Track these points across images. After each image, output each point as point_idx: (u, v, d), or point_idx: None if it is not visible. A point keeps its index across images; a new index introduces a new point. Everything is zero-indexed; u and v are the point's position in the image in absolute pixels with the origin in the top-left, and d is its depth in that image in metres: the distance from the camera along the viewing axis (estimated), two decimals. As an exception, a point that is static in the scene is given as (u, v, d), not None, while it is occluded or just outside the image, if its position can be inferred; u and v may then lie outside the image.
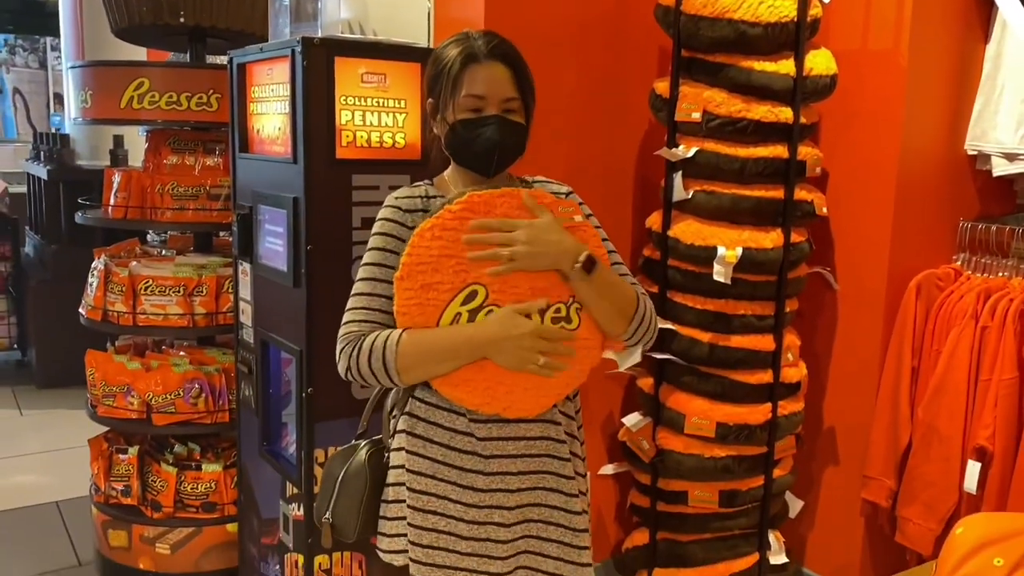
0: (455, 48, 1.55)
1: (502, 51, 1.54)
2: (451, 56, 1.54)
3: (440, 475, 1.55)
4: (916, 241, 2.55)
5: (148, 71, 2.65)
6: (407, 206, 1.58)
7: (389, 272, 1.53)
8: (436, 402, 1.55)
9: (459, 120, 1.53)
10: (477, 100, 1.52)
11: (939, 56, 2.50)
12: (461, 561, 1.56)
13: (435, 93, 1.57)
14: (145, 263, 2.79)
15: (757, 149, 2.26)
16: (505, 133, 1.53)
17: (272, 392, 2.48)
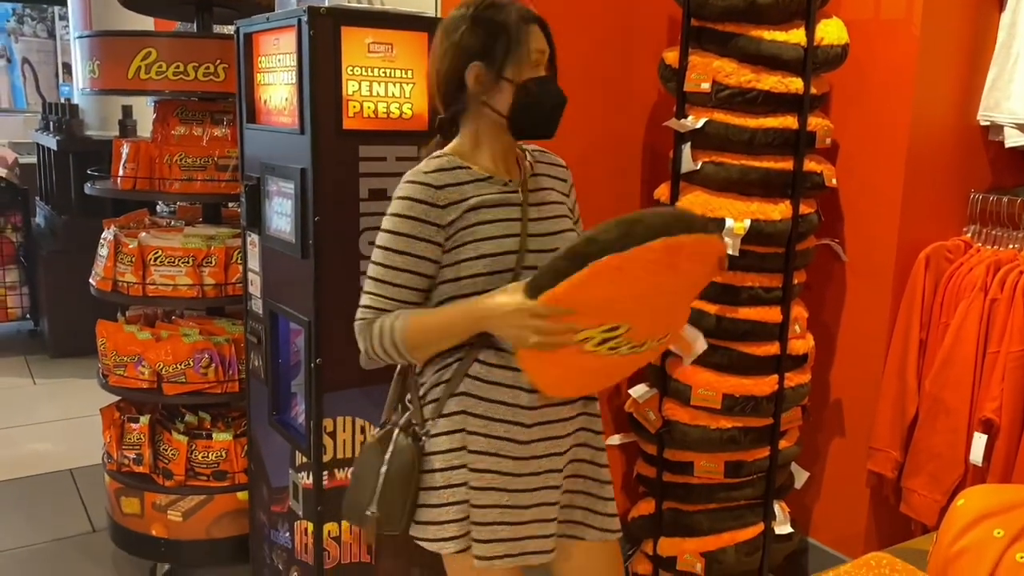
0: (500, 11, 1.52)
1: (533, 14, 1.55)
2: (507, 16, 1.52)
3: (503, 451, 1.57)
4: (926, 213, 2.54)
5: (155, 41, 2.64)
6: (438, 181, 1.55)
7: (417, 263, 1.53)
8: (497, 380, 1.56)
9: (533, 79, 1.52)
10: (541, 55, 1.54)
11: (952, 24, 2.47)
12: (522, 531, 1.59)
13: (491, 55, 1.52)
14: (154, 234, 2.80)
15: (767, 120, 2.25)
16: (563, 93, 1.57)
17: (281, 362, 2.49)
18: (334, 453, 2.27)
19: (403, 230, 1.54)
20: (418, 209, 1.54)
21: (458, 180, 1.57)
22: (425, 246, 1.55)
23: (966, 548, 1.14)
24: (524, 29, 1.52)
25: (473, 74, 1.54)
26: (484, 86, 1.54)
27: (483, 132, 1.60)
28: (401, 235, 1.55)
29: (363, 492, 1.64)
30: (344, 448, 2.28)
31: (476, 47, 1.53)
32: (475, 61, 1.53)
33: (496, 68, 1.52)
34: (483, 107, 1.56)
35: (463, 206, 1.56)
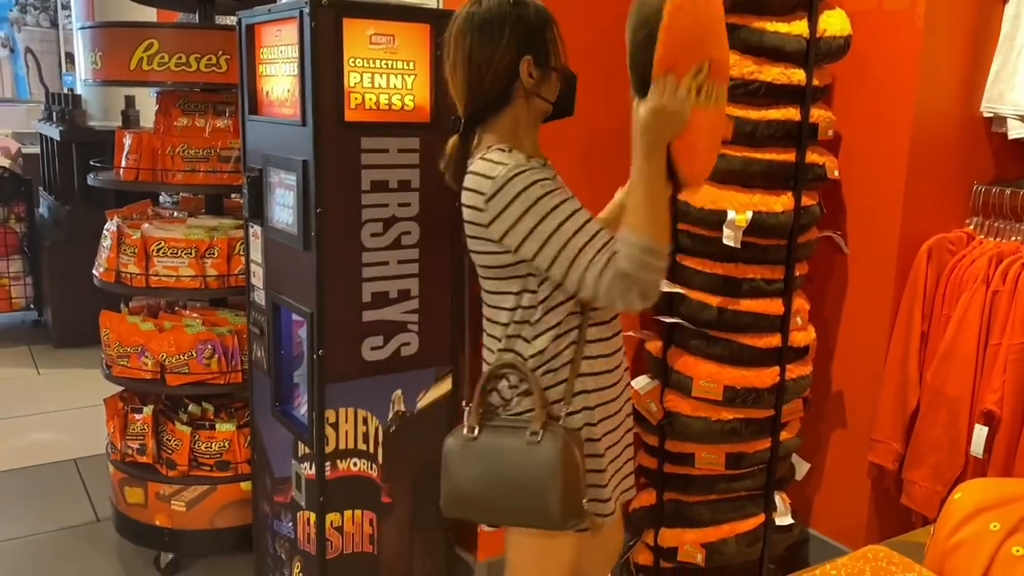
0: (531, 7, 1.65)
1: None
2: (539, 9, 1.65)
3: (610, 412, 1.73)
4: (928, 205, 2.54)
5: (157, 32, 2.64)
6: (537, 164, 1.63)
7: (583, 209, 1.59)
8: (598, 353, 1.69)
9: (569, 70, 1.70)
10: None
11: (956, 15, 2.46)
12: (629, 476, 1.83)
13: (541, 48, 1.64)
14: (157, 225, 2.81)
15: (769, 111, 2.24)
16: None
17: (283, 353, 2.50)
18: (336, 444, 2.28)
19: (564, 195, 1.58)
20: (551, 173, 1.66)
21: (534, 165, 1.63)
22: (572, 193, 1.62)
23: (963, 541, 1.15)
24: (555, 21, 1.67)
25: (526, 68, 1.63)
26: (536, 78, 1.64)
27: (522, 122, 1.68)
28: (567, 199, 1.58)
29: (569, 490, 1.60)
30: (346, 439, 2.29)
31: (527, 43, 1.63)
32: (526, 56, 1.62)
33: (545, 60, 1.65)
34: (532, 98, 1.65)
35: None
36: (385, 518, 2.41)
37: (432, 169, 2.28)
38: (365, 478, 2.35)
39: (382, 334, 2.30)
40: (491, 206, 1.56)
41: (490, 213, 1.57)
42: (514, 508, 1.64)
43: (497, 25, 1.61)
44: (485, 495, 1.66)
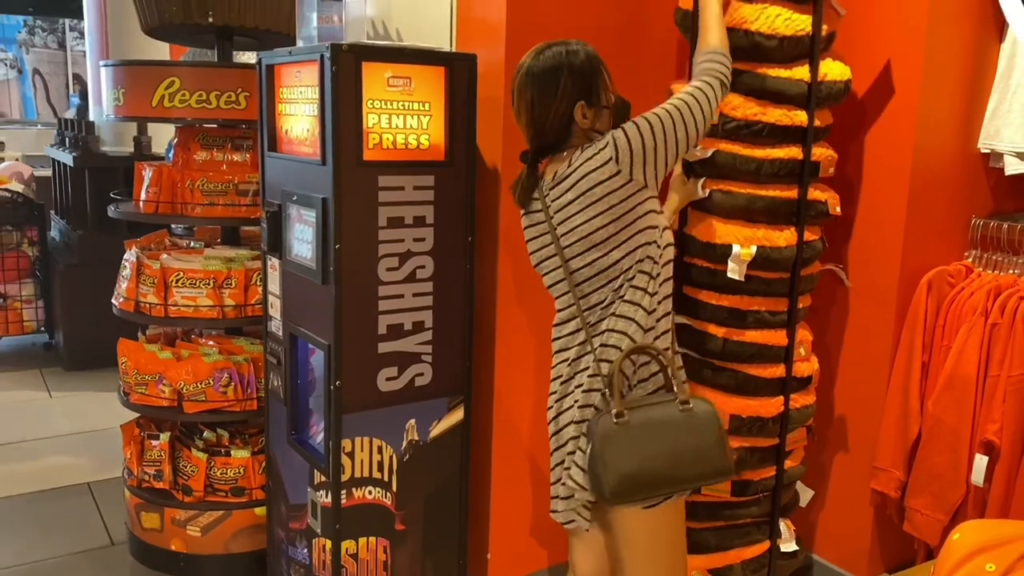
0: (580, 54, 1.90)
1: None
2: (588, 55, 1.91)
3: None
4: (928, 238, 2.60)
5: (179, 70, 2.72)
6: None
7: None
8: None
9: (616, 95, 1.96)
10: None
11: (954, 55, 2.54)
12: None
13: (592, 93, 1.90)
14: (175, 256, 2.88)
15: (773, 150, 2.32)
16: None
17: (300, 382, 2.57)
18: (352, 472, 2.34)
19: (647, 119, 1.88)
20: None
21: None
22: None
23: (961, 581, 1.20)
24: (602, 62, 1.92)
25: (580, 112, 1.90)
26: (589, 118, 1.91)
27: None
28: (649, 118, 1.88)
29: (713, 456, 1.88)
30: (362, 468, 2.35)
31: (579, 90, 1.89)
32: (580, 101, 1.89)
33: (596, 100, 1.91)
34: (590, 132, 1.92)
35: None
36: (399, 545, 2.47)
37: (446, 204, 2.37)
38: (380, 506, 2.41)
39: (397, 365, 2.37)
40: (622, 159, 1.84)
41: (624, 163, 1.84)
42: (699, 472, 1.88)
43: (552, 78, 1.88)
44: (670, 469, 1.85)
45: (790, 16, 2.23)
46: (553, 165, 1.96)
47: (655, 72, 2.66)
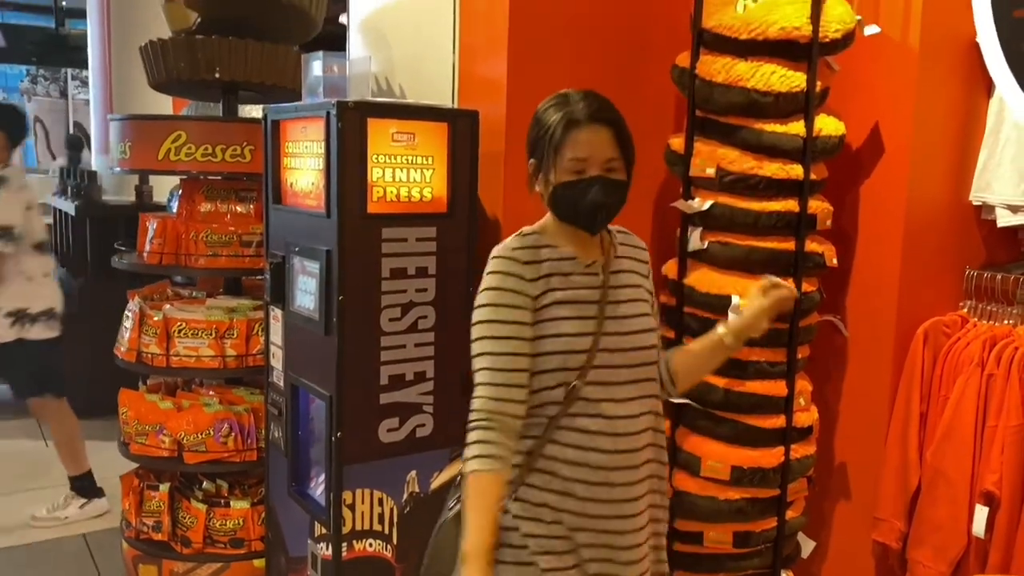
0: (556, 112, 1.62)
1: (602, 114, 1.63)
2: (553, 121, 1.61)
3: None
4: (923, 289, 2.64)
5: (186, 124, 2.78)
6: (526, 257, 1.66)
7: (520, 328, 1.61)
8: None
9: (562, 182, 1.62)
10: (580, 163, 1.61)
11: (943, 110, 2.60)
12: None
13: (536, 155, 1.66)
14: (178, 306, 2.90)
15: (770, 203, 2.36)
16: (608, 193, 1.62)
17: (300, 432, 2.57)
18: (353, 525, 2.33)
19: (507, 303, 1.63)
20: (512, 283, 1.64)
21: (541, 258, 1.67)
22: (523, 313, 1.63)
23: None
24: (565, 135, 1.60)
25: (531, 168, 1.70)
26: (535, 180, 1.69)
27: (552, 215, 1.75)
28: (507, 307, 1.63)
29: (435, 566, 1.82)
30: (363, 520, 2.35)
31: (530, 145, 1.69)
32: (531, 159, 1.69)
33: (542, 167, 1.65)
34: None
35: (549, 282, 1.66)
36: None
37: (448, 255, 2.40)
38: (380, 559, 2.40)
39: (398, 416, 2.38)
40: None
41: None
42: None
43: (532, 122, 1.70)
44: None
45: (785, 73, 2.29)
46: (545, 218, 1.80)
47: (653, 128, 2.71)
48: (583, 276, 1.70)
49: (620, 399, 1.68)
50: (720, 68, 2.32)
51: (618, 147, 1.63)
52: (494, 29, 2.52)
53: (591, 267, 1.72)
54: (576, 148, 1.60)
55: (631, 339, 1.71)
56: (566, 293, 1.67)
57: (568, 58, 2.57)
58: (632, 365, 1.70)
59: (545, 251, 1.69)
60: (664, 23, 2.66)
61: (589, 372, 1.64)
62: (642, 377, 1.72)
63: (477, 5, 2.62)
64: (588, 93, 1.66)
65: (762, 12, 2.30)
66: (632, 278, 1.78)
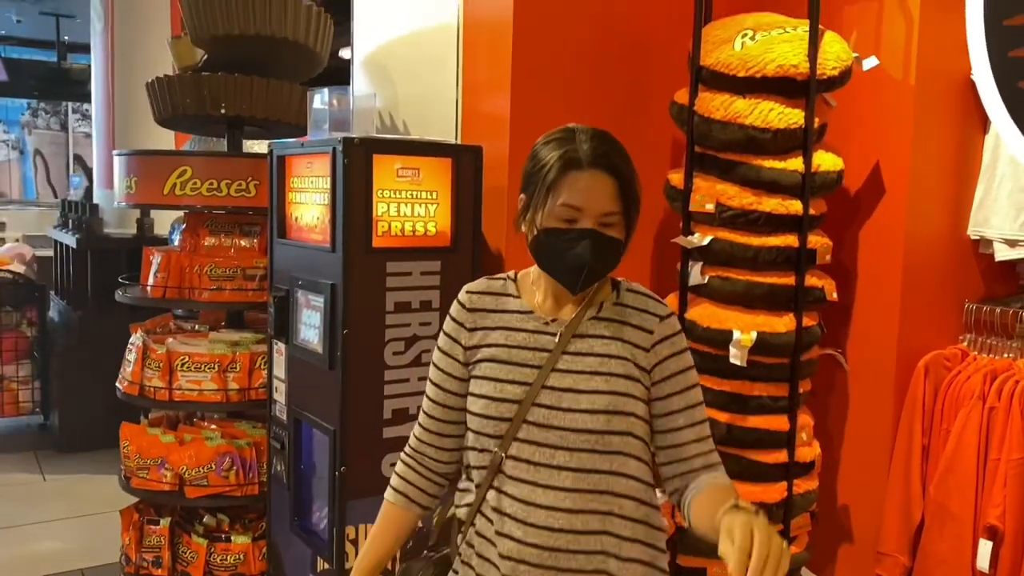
0: (556, 149, 1.41)
1: (608, 160, 1.40)
2: (550, 159, 1.40)
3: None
4: (923, 323, 2.65)
5: (191, 160, 2.80)
6: (473, 304, 1.53)
7: (444, 377, 1.52)
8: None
9: (548, 228, 1.40)
10: (572, 211, 1.39)
11: (940, 145, 2.63)
12: None
13: (528, 191, 1.45)
14: (181, 339, 2.91)
15: (769, 238, 2.38)
16: (598, 251, 1.40)
17: (303, 467, 2.57)
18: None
19: (439, 346, 1.55)
20: (448, 326, 1.55)
21: (495, 307, 1.52)
22: (450, 362, 1.52)
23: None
24: (562, 176, 1.38)
25: (520, 203, 1.48)
26: (522, 219, 1.47)
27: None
28: (438, 352, 1.55)
29: None
30: (366, 554, 2.33)
31: (524, 178, 1.47)
32: (522, 193, 1.48)
33: (531, 205, 1.43)
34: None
35: (488, 336, 1.50)
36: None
37: (452, 289, 2.41)
38: (383, 594, 2.38)
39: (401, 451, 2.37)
40: None
41: None
42: None
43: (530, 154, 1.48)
44: None
45: (782, 110, 2.32)
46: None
47: (652, 165, 2.74)
48: (533, 334, 1.48)
49: (547, 485, 1.41)
50: (719, 105, 2.36)
51: (620, 201, 1.40)
52: (497, 66, 2.56)
53: (550, 325, 1.49)
54: (571, 193, 1.38)
55: (572, 418, 1.42)
56: (501, 351, 1.48)
57: (569, 94, 2.61)
58: (572, 449, 1.41)
59: (503, 300, 1.53)
60: (663, 60, 2.70)
61: (511, 444, 1.43)
62: (589, 467, 1.42)
63: (480, 43, 2.67)
64: (598, 133, 1.44)
65: (760, 50, 2.34)
66: (610, 347, 1.47)
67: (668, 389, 1.49)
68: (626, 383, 1.45)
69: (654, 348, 1.48)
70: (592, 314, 1.49)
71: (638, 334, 1.48)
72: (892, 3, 2.59)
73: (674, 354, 1.50)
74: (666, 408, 1.49)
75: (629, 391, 1.45)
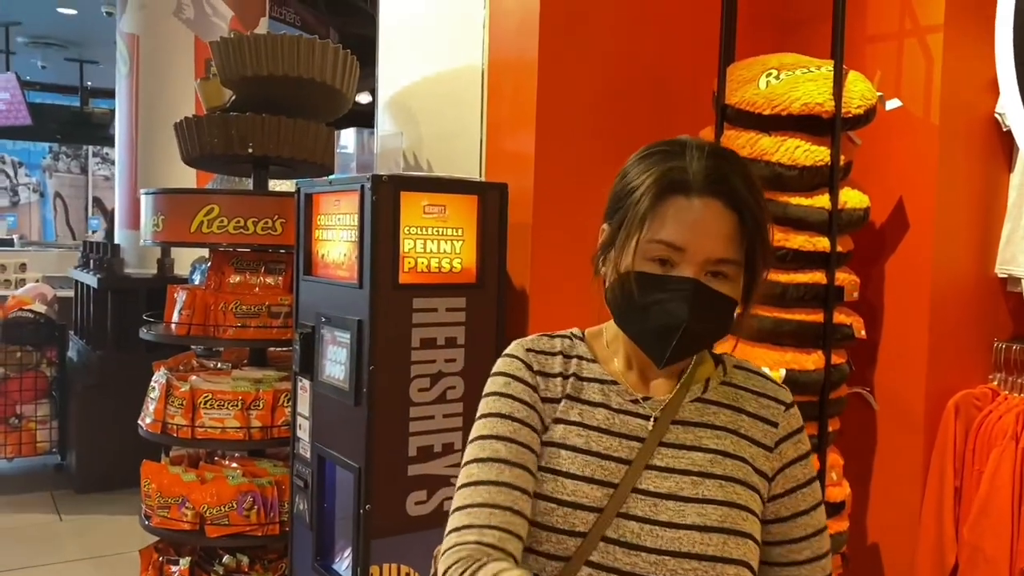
0: (659, 164, 1.07)
1: (729, 186, 1.05)
2: (646, 178, 1.07)
3: None
4: (952, 361, 2.62)
5: (218, 198, 2.83)
6: (541, 366, 1.15)
7: (522, 452, 1.08)
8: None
9: (636, 272, 1.05)
10: (670, 250, 1.04)
11: (965, 184, 2.63)
12: None
13: (612, 221, 1.11)
14: (204, 377, 2.91)
15: (797, 275, 2.37)
16: (699, 311, 1.03)
17: (326, 506, 2.54)
18: (380, 600, 2.29)
19: (504, 412, 1.11)
20: (517, 388, 1.13)
21: (564, 370, 1.15)
22: (529, 413, 1.12)
23: None
24: (658, 204, 1.04)
25: (601, 237, 1.14)
26: (603, 258, 1.12)
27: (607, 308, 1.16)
28: (501, 418, 1.11)
29: None
30: (390, 595, 2.30)
31: (609, 203, 1.14)
32: (605, 222, 1.14)
33: (615, 241, 1.09)
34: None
35: (556, 410, 1.13)
36: None
37: (477, 325, 2.41)
38: (407, 636, 2.34)
39: (426, 488, 2.35)
40: None
41: None
42: None
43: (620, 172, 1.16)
44: None
45: (808, 148, 2.33)
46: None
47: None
48: (619, 414, 1.12)
49: None
50: (744, 142, 2.37)
51: (741, 244, 1.05)
52: (522, 105, 2.59)
53: (641, 404, 1.13)
54: (671, 227, 1.03)
55: (674, 537, 1.04)
56: (574, 433, 1.10)
57: (594, 132, 2.63)
58: None
59: (574, 364, 1.16)
60: (688, 99, 2.72)
61: (580, 571, 1.04)
62: None
63: (505, 83, 2.70)
64: (717, 150, 1.10)
65: (784, 88, 2.35)
66: (723, 441, 1.11)
67: (792, 507, 1.13)
68: (745, 492, 1.08)
69: (779, 447, 1.13)
70: (696, 394, 1.13)
71: (758, 427, 1.13)
72: (914, 43, 2.61)
73: (799, 458, 1.14)
74: (787, 535, 1.13)
75: (748, 504, 1.07)
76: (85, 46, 11.53)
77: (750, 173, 1.09)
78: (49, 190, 17.20)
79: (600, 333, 1.20)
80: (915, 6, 2.61)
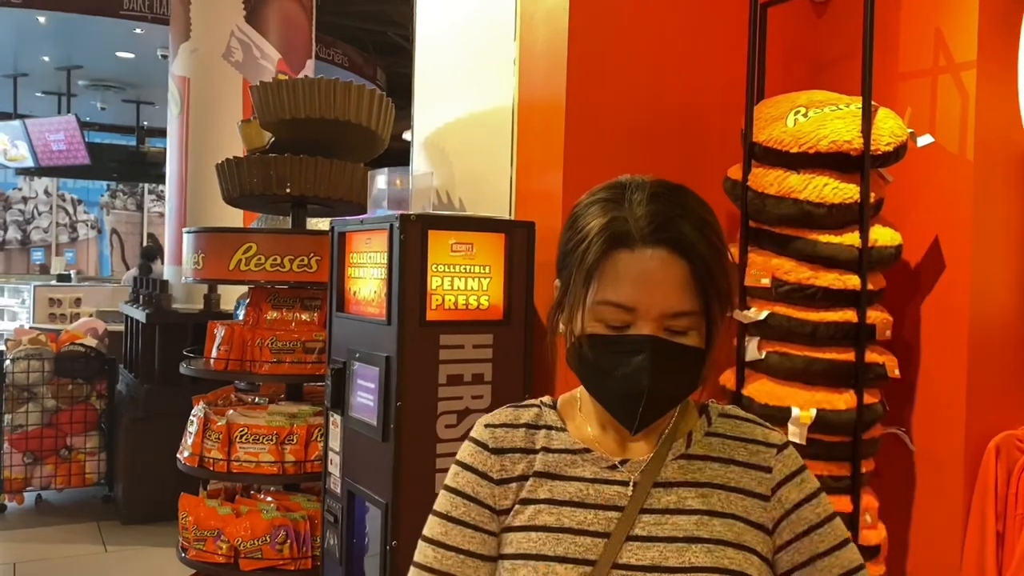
0: (601, 215, 0.99)
1: (675, 232, 0.97)
2: (591, 229, 0.98)
3: None
4: (992, 401, 2.56)
5: (256, 236, 2.91)
6: (499, 442, 1.09)
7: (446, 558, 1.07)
8: None
9: (588, 335, 0.98)
10: (620, 312, 0.97)
11: (1002, 221, 2.58)
12: None
13: (562, 275, 1.03)
14: (241, 412, 2.97)
15: (827, 314, 2.34)
16: (661, 370, 0.96)
17: (356, 540, 2.56)
18: (406, 637, 2.28)
19: (448, 510, 1.08)
20: (465, 478, 1.08)
21: (530, 445, 1.08)
22: (469, 536, 1.07)
23: None
24: (602, 260, 0.96)
25: (555, 291, 1.05)
26: (556, 316, 1.04)
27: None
28: (445, 518, 1.08)
29: None
30: (416, 632, 2.30)
31: (559, 256, 1.04)
32: (558, 277, 1.05)
33: (565, 300, 1.01)
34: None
35: (523, 490, 1.05)
36: None
37: (503, 362, 2.43)
38: (433, 674, 2.33)
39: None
40: None
41: None
42: None
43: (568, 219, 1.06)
44: None
45: (837, 185, 2.31)
46: None
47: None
48: (594, 484, 1.04)
49: None
50: (772, 180, 2.36)
51: (695, 293, 0.97)
52: (551, 145, 2.62)
53: (618, 470, 1.05)
54: (616, 285, 0.96)
55: None
56: (545, 512, 1.03)
57: (622, 170, 2.60)
58: None
59: (541, 435, 1.09)
60: (715, 137, 2.73)
61: None
62: None
63: (534, 123, 2.74)
64: (660, 190, 1.02)
65: (812, 126, 2.35)
66: (710, 499, 1.02)
67: (809, 550, 1.04)
68: (737, 555, 0.99)
69: (777, 495, 1.05)
70: (680, 450, 1.05)
71: (750, 475, 1.04)
72: (947, 79, 2.59)
73: (807, 499, 1.05)
74: None
75: (741, 568, 0.99)
76: (142, 88, 11.97)
77: (700, 212, 1.02)
78: (106, 227, 17.78)
79: (574, 397, 1.13)
80: (948, 43, 2.59)
